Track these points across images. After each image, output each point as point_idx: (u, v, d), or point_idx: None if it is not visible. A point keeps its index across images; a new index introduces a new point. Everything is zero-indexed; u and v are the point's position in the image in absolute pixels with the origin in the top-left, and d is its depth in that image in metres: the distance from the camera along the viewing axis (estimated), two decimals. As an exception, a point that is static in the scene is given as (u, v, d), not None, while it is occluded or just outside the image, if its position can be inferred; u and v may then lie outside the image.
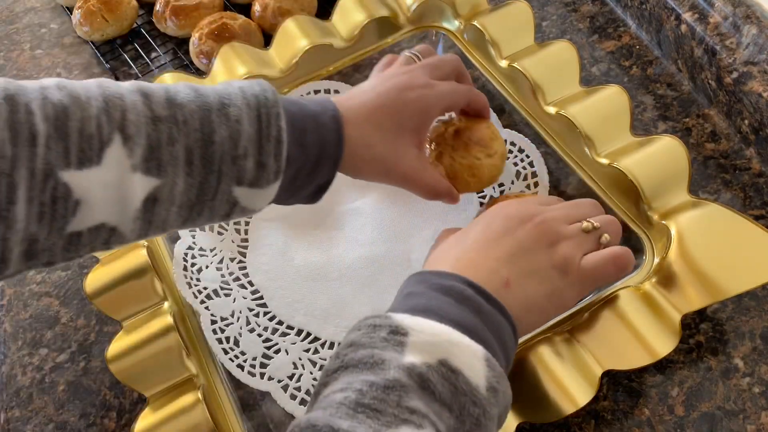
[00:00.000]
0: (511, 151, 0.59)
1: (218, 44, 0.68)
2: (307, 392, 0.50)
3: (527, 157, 0.58)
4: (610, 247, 0.42)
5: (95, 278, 0.54)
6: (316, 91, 0.66)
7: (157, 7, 0.75)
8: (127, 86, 0.40)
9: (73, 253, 0.39)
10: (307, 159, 0.43)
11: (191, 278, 0.56)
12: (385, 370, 0.31)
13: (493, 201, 0.52)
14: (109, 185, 0.37)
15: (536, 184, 0.56)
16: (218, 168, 0.40)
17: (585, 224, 0.42)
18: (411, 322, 0.34)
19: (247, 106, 0.41)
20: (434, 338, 0.33)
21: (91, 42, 0.77)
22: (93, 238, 0.39)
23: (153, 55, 0.76)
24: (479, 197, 0.58)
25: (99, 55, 0.76)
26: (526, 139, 0.59)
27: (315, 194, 0.46)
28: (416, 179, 0.48)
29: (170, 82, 0.62)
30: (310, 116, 0.44)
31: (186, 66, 0.73)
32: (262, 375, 0.51)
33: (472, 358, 0.33)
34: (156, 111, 0.38)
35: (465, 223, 0.47)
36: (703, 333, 0.49)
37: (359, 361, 0.32)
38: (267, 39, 0.72)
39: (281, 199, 0.45)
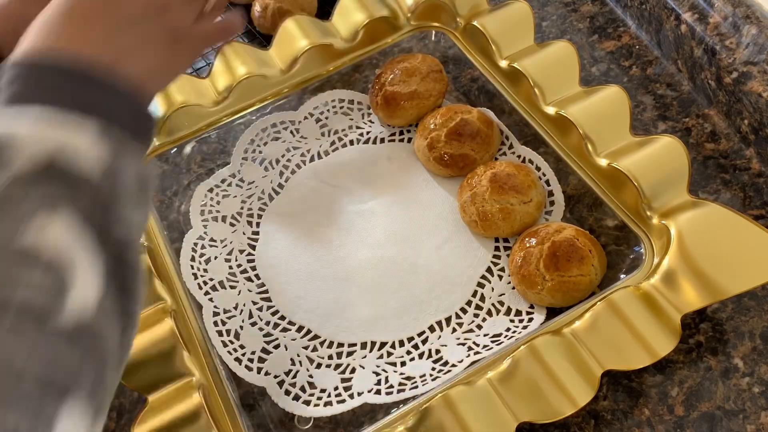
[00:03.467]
0: None
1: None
2: (302, 389, 0.51)
3: (543, 175, 0.58)
4: (215, 15, 0.43)
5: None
6: (335, 102, 0.66)
7: None
8: None
9: None
10: None
11: (198, 269, 0.57)
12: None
13: None
14: None
15: (552, 203, 0.57)
16: None
17: None
18: (3, 128, 0.30)
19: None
20: (35, 136, 0.30)
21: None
22: None
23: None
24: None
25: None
26: (539, 156, 0.59)
27: None
28: None
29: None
30: None
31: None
32: (259, 370, 0.52)
33: (78, 142, 0.30)
34: None
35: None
36: (703, 333, 0.49)
37: None
38: (267, 40, 0.72)
39: None
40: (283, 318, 0.54)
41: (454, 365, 0.50)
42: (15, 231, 0.28)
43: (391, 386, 0.50)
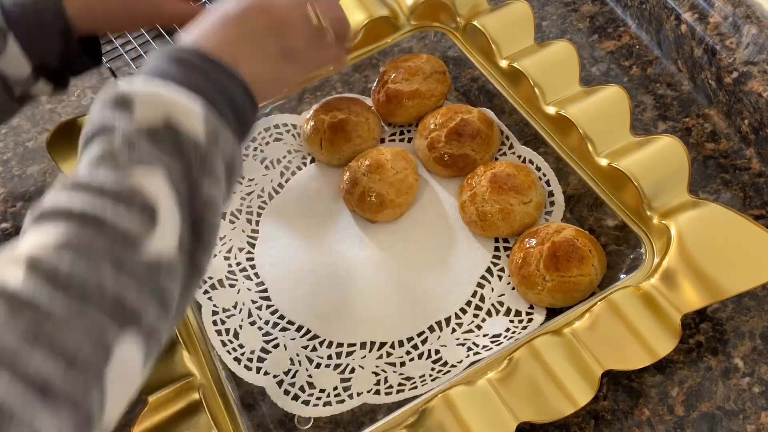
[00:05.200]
0: None
1: None
2: (301, 388, 0.51)
3: (544, 175, 0.58)
4: (332, 47, 0.48)
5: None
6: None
7: None
8: None
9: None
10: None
11: None
12: (116, 134, 0.35)
13: None
14: None
15: (552, 203, 0.57)
16: None
17: (314, 19, 0.46)
18: (139, 89, 0.37)
19: None
20: (158, 101, 0.36)
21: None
22: None
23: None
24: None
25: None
26: (539, 156, 0.59)
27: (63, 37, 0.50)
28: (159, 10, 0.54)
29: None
30: None
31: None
32: (258, 369, 0.52)
33: (192, 117, 0.36)
34: None
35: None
36: (703, 333, 0.49)
37: (99, 128, 0.36)
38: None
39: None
40: (282, 317, 0.54)
41: (453, 365, 0.50)
42: (126, 174, 0.34)
43: (391, 386, 0.50)
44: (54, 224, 0.32)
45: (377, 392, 0.50)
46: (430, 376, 0.49)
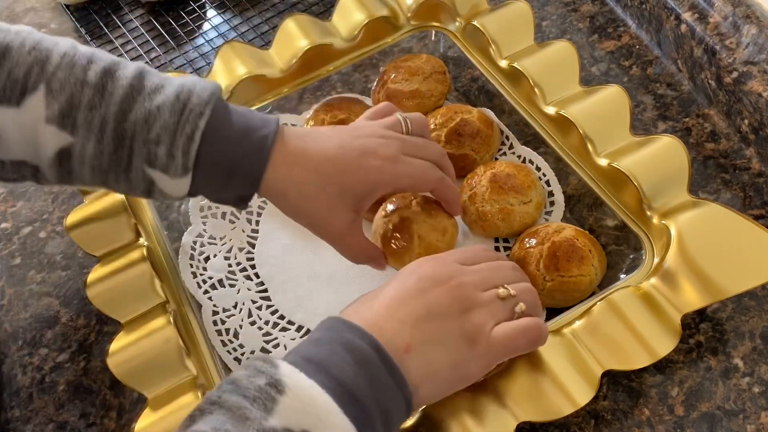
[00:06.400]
0: None
1: None
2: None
3: (544, 175, 0.58)
4: (523, 318, 0.41)
5: (96, 277, 0.54)
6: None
7: None
8: (84, 50, 0.43)
9: (5, 176, 0.44)
10: (220, 166, 0.44)
11: (197, 267, 0.57)
12: (248, 428, 0.31)
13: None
14: (23, 127, 0.41)
15: (552, 203, 0.57)
16: (129, 144, 0.42)
17: (501, 291, 0.41)
18: (293, 380, 0.33)
19: (176, 97, 0.42)
20: (306, 407, 0.33)
21: (90, 41, 0.77)
22: (18, 171, 0.44)
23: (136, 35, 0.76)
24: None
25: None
26: (539, 156, 0.59)
27: (238, 201, 0.46)
28: (343, 243, 0.48)
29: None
30: (243, 128, 0.44)
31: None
32: None
33: None
34: (89, 76, 0.42)
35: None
36: (703, 333, 0.49)
37: (231, 406, 0.32)
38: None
39: (205, 194, 0.46)
40: (282, 317, 0.54)
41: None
42: None
43: None
44: None
45: None
46: None
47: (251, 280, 0.57)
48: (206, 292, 0.55)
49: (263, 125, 0.45)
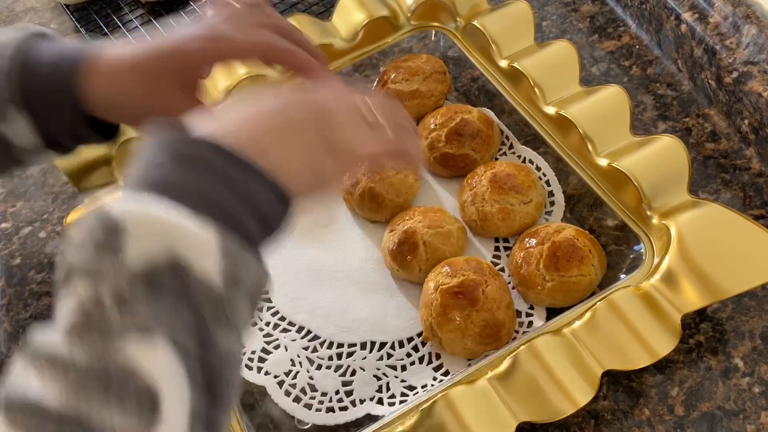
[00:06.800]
0: None
1: None
2: (302, 390, 0.51)
3: (544, 175, 0.58)
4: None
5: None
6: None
7: None
8: None
9: None
10: (46, 97, 0.44)
11: None
12: (103, 282, 0.28)
13: None
14: None
15: (552, 203, 0.57)
16: None
17: (365, 112, 0.38)
18: (132, 213, 0.29)
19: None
20: (159, 231, 0.29)
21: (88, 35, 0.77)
22: None
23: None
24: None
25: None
26: (539, 156, 0.59)
27: (87, 131, 0.46)
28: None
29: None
30: (54, 58, 0.45)
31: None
32: (259, 369, 0.52)
33: (204, 251, 0.29)
34: None
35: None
36: (703, 333, 0.49)
37: (81, 268, 0.29)
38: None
39: (54, 134, 0.46)
40: (283, 318, 0.54)
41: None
42: (117, 348, 0.27)
43: (393, 395, 0.50)
44: (23, 426, 0.25)
45: (380, 401, 0.49)
46: (432, 385, 0.49)
47: (251, 280, 0.57)
48: (206, 292, 0.55)
49: (77, 51, 0.45)
